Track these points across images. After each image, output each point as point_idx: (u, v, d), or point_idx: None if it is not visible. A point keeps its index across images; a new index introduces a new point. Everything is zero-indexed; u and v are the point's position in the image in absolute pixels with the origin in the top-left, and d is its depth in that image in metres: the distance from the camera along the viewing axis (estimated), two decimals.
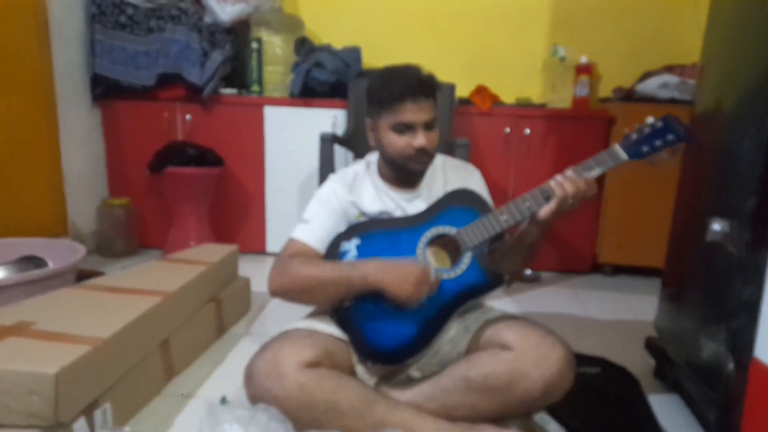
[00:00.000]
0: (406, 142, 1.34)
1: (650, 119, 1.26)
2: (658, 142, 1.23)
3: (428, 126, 1.35)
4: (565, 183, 1.23)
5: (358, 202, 1.42)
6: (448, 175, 1.49)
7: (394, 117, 1.33)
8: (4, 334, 1.25)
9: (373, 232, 1.37)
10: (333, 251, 1.36)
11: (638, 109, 2.70)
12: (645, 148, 1.24)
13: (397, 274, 1.23)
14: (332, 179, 1.48)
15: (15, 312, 1.39)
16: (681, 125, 1.24)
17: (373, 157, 1.51)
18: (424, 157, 1.37)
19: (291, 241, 1.38)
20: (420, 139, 1.33)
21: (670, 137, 1.23)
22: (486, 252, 1.33)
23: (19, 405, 1.09)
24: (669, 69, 2.78)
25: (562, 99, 2.92)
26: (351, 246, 1.35)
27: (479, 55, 3.13)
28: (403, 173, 1.41)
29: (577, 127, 2.79)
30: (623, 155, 1.25)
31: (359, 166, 1.51)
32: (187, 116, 2.87)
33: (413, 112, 1.31)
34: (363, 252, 1.33)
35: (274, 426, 1.14)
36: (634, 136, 1.25)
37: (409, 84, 1.31)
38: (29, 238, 2.19)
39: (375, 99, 1.36)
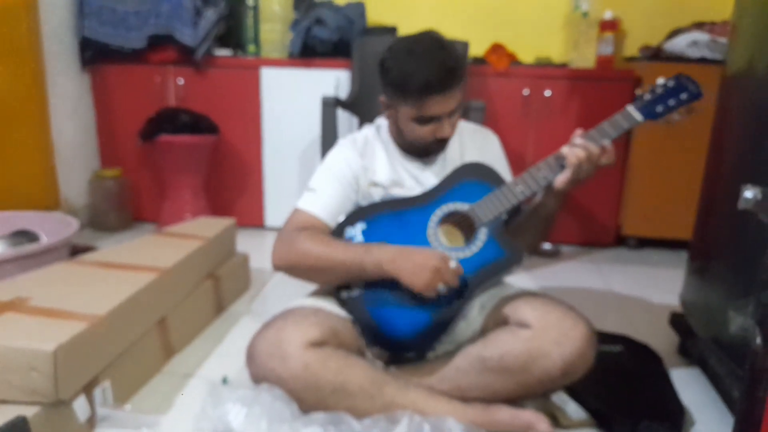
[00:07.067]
0: (429, 132, 1.34)
1: (661, 80, 1.28)
2: (672, 102, 1.25)
3: (452, 113, 1.33)
4: (576, 149, 1.23)
5: (370, 169, 1.42)
6: (465, 142, 1.49)
7: (419, 110, 1.30)
8: (1, 310, 1.30)
9: (380, 215, 1.37)
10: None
11: (666, 68, 2.63)
12: (659, 108, 1.26)
13: (413, 261, 1.22)
14: (341, 144, 1.47)
15: (10, 287, 1.44)
16: (693, 83, 1.27)
17: (384, 121, 1.50)
18: (444, 142, 1.38)
19: (296, 212, 1.38)
20: (445, 130, 1.32)
21: (684, 96, 1.25)
22: (502, 226, 1.33)
23: (20, 381, 1.15)
24: (699, 26, 2.74)
25: (584, 58, 2.89)
26: (356, 232, 1.35)
27: (495, 9, 3.09)
28: (421, 151, 1.43)
29: (601, 88, 2.77)
30: (638, 116, 1.26)
31: (369, 130, 1.51)
32: (180, 80, 2.88)
33: (440, 105, 1.29)
34: (369, 237, 1.34)
35: (278, 407, 1.17)
36: (648, 96, 1.27)
37: (437, 77, 1.26)
38: (21, 211, 2.24)
39: (396, 85, 1.31)
